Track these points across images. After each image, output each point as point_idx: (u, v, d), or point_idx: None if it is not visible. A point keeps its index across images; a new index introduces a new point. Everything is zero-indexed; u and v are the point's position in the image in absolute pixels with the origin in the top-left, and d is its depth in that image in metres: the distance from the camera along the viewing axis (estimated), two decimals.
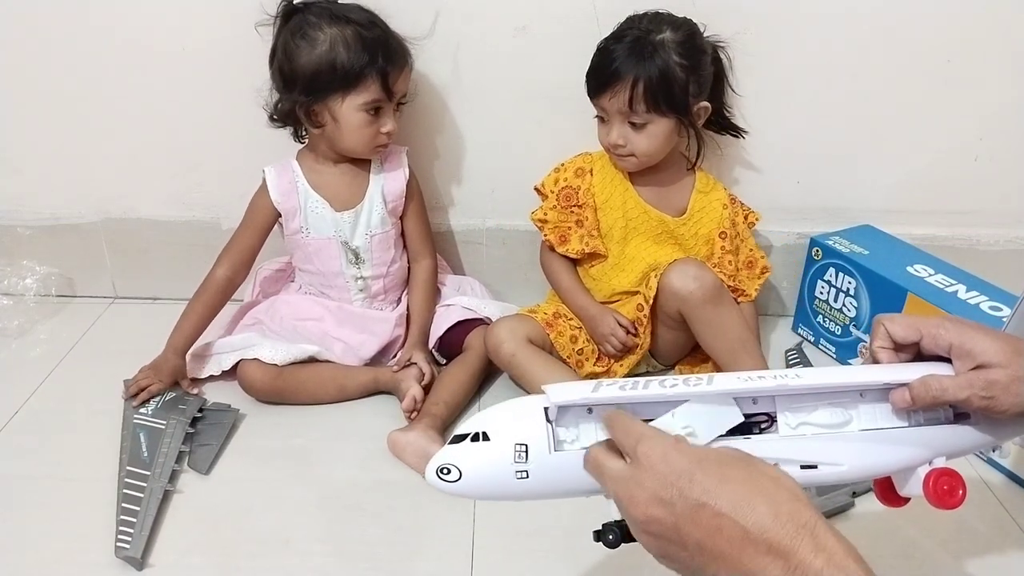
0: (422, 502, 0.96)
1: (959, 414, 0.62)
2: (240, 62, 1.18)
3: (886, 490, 0.64)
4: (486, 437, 0.57)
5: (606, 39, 1.10)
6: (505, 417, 0.58)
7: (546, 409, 0.57)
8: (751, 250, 1.22)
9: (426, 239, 1.25)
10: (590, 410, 0.58)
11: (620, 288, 1.19)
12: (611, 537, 0.55)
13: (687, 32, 1.08)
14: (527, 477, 0.56)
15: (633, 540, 0.53)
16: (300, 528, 0.92)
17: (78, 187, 1.32)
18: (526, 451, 0.56)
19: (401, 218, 1.22)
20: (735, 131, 1.21)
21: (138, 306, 1.38)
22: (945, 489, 0.59)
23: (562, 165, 1.20)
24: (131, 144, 1.28)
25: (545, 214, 1.19)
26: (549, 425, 0.57)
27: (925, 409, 0.60)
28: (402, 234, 1.24)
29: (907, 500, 0.63)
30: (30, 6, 1.18)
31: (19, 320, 1.30)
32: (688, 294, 1.08)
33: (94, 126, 1.27)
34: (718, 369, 1.13)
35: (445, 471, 0.57)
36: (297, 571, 0.87)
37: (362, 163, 1.18)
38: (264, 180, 1.17)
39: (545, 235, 1.20)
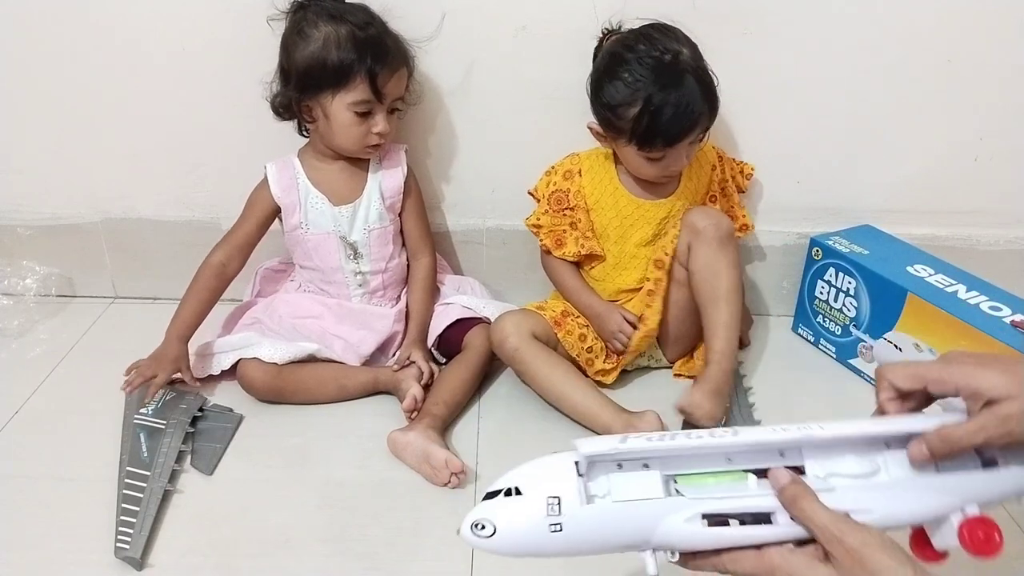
0: (422, 502, 0.96)
1: (988, 460, 0.60)
2: (240, 62, 1.18)
3: (922, 544, 0.62)
4: (518, 492, 0.57)
5: (644, 92, 1.03)
6: (536, 472, 0.59)
7: (576, 463, 0.57)
8: (732, 207, 1.23)
9: (425, 236, 1.25)
10: (620, 465, 0.58)
11: (624, 286, 1.19)
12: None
13: (690, 41, 1.08)
14: (561, 530, 0.56)
15: None
16: (300, 528, 0.92)
17: (78, 187, 1.32)
18: (559, 504, 0.56)
19: (400, 215, 1.23)
20: None
21: (138, 306, 1.38)
22: (981, 537, 0.58)
23: (552, 168, 1.20)
24: (131, 144, 1.28)
25: (538, 219, 1.20)
26: (580, 479, 0.57)
27: (946, 459, 0.59)
28: (401, 231, 1.24)
29: (944, 555, 0.61)
30: (30, 6, 1.18)
31: (19, 320, 1.30)
32: (703, 228, 1.10)
33: (94, 126, 1.27)
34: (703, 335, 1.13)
35: (479, 527, 0.57)
36: (297, 571, 0.87)
37: (361, 160, 1.18)
38: (265, 175, 1.17)
39: (541, 240, 1.20)
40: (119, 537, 0.88)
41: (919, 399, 0.61)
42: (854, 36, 1.18)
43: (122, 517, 0.90)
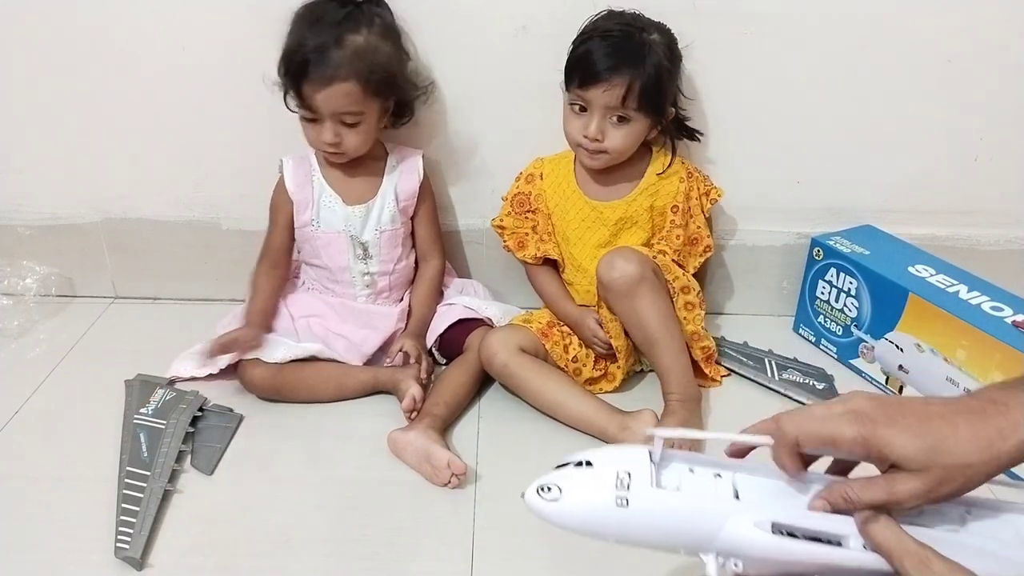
0: (422, 502, 0.96)
1: None
2: (241, 62, 1.18)
3: None
4: (589, 464, 0.58)
5: (591, 32, 1.09)
6: (609, 452, 0.60)
7: (650, 452, 0.59)
8: (699, 227, 1.21)
9: (435, 241, 1.26)
10: (692, 470, 0.59)
11: (595, 288, 1.19)
12: None
13: (670, 37, 1.09)
14: (627, 506, 0.56)
15: None
16: (300, 528, 0.92)
17: (78, 187, 1.32)
18: (629, 479, 0.57)
19: (412, 219, 1.23)
20: (691, 135, 1.21)
21: (138, 306, 1.38)
22: None
23: (520, 173, 1.22)
24: (131, 144, 1.28)
25: (502, 220, 1.21)
26: (653, 465, 0.58)
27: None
28: (412, 235, 1.25)
29: None
30: (29, 6, 1.18)
31: (19, 320, 1.29)
32: (609, 282, 1.07)
33: (94, 126, 1.27)
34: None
35: (546, 489, 0.58)
36: (297, 571, 0.87)
37: (376, 161, 1.19)
38: (281, 172, 1.18)
39: (504, 241, 1.21)
40: (119, 537, 0.88)
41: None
42: (854, 36, 1.18)
43: (122, 517, 0.90)
